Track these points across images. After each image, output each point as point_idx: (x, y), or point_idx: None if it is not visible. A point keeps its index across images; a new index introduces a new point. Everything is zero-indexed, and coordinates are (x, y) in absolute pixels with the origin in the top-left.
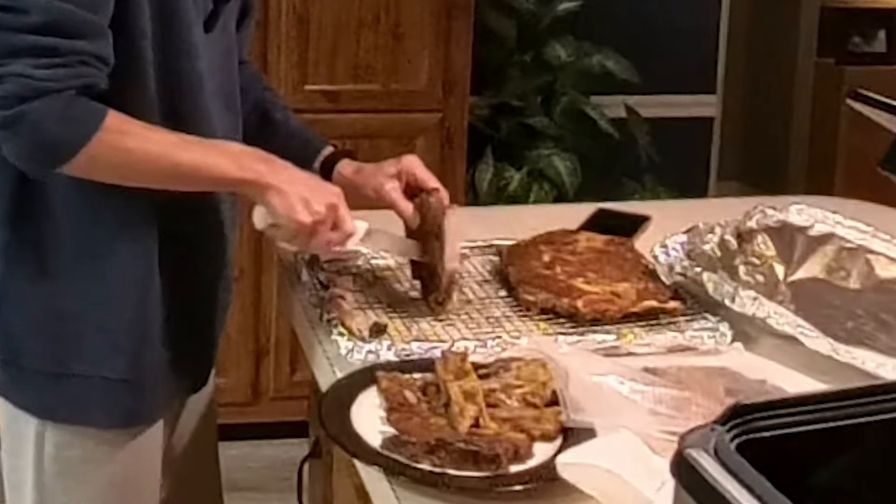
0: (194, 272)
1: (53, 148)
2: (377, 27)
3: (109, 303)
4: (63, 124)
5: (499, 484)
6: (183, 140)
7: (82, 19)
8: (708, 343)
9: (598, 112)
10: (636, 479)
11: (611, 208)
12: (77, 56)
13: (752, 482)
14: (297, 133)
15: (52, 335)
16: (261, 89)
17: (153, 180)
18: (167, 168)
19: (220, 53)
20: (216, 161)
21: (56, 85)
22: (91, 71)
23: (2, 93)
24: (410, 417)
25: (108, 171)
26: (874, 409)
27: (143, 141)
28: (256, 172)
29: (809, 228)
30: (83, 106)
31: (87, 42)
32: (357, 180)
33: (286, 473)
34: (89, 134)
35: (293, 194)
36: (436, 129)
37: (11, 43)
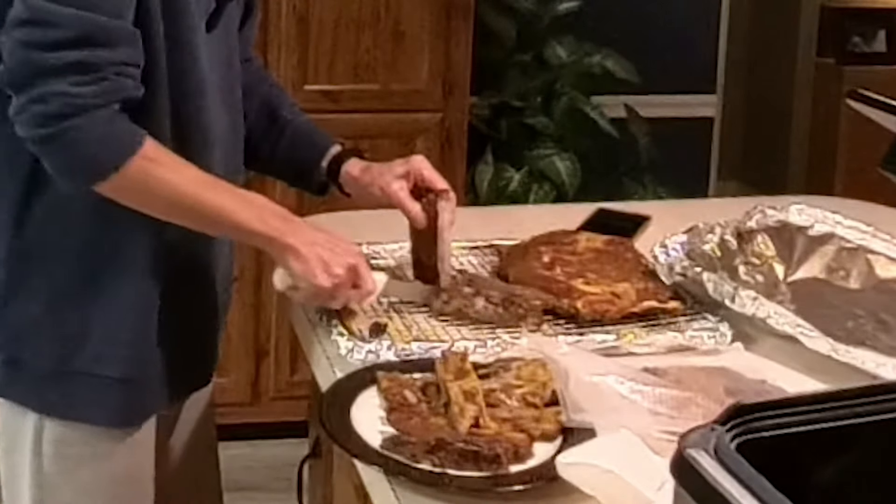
0: (195, 274)
1: (93, 164)
2: (377, 27)
3: (111, 304)
4: (104, 142)
5: (499, 484)
6: (212, 181)
7: (113, 27)
8: (708, 343)
9: (598, 112)
10: (636, 479)
11: (611, 208)
12: (115, 67)
13: (752, 482)
14: (305, 132)
15: (54, 334)
16: (267, 86)
17: (173, 214)
18: (190, 205)
19: (221, 53)
20: (241, 209)
21: (98, 101)
22: (129, 83)
23: (44, 112)
24: (410, 417)
25: (134, 197)
26: (874, 409)
27: (174, 173)
28: (277, 230)
29: (809, 228)
30: (120, 126)
31: (122, 49)
32: (364, 179)
33: (286, 473)
34: (124, 157)
35: (312, 257)
36: (436, 129)
37: (48, 61)
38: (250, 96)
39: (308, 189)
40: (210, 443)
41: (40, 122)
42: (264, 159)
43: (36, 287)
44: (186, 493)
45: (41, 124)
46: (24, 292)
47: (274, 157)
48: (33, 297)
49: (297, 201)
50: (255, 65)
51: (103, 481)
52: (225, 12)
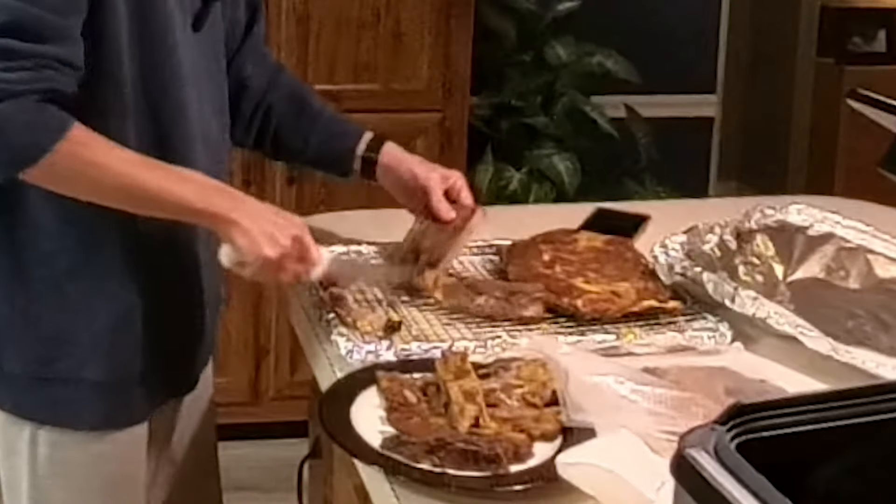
0: (175, 275)
1: (12, 153)
2: (377, 27)
3: (87, 307)
4: (24, 130)
5: (499, 484)
6: (147, 162)
7: (47, 23)
8: (708, 343)
9: (598, 112)
10: (636, 479)
11: (611, 208)
12: (40, 59)
13: (752, 482)
14: (337, 120)
15: (30, 339)
16: (289, 78)
17: (111, 198)
18: (127, 187)
19: (208, 52)
20: (180, 189)
21: (17, 88)
22: (55, 75)
23: None
24: (410, 417)
25: (66, 182)
26: (874, 409)
27: (105, 156)
28: (219, 206)
29: (809, 228)
30: (48, 113)
31: (52, 46)
32: (405, 159)
33: (286, 473)
34: (52, 142)
35: (256, 230)
36: (436, 128)
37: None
38: (274, 89)
39: (338, 173)
40: (210, 443)
41: None
42: (297, 150)
43: (8, 291)
44: (186, 494)
45: None
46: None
47: (307, 146)
48: (7, 301)
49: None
50: (271, 59)
51: (96, 483)
52: (212, 11)
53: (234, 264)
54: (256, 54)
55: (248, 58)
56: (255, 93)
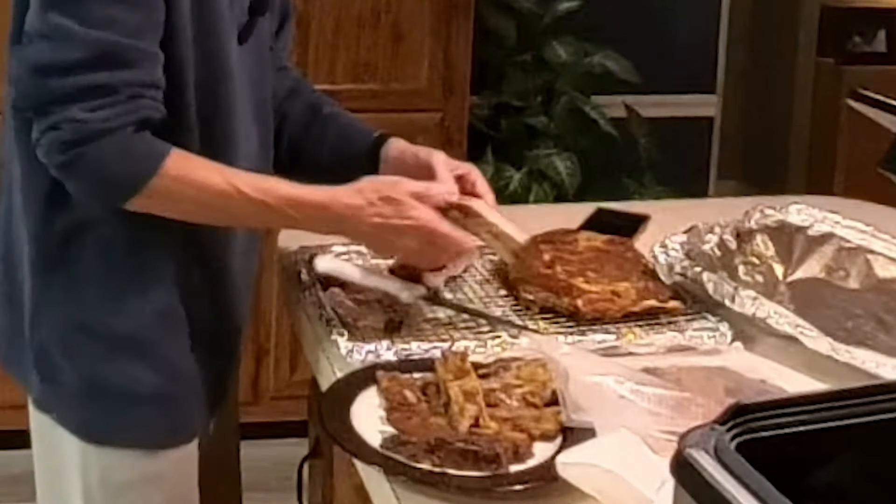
0: (221, 283)
1: (114, 186)
2: (377, 27)
3: (139, 319)
4: (122, 163)
5: (499, 484)
6: (254, 176)
7: (129, 47)
8: (708, 343)
9: (598, 112)
10: (636, 478)
11: (610, 208)
12: (130, 89)
13: (752, 482)
14: (348, 123)
15: (83, 352)
16: (309, 91)
17: (218, 216)
18: (239, 202)
19: (253, 65)
20: (310, 193)
21: (111, 124)
22: (146, 103)
23: (58, 138)
24: (410, 417)
25: (173, 206)
26: (874, 409)
27: (208, 175)
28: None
29: (809, 228)
30: (143, 143)
31: (138, 71)
32: (409, 151)
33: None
34: (150, 173)
35: (377, 233)
36: (436, 128)
37: (61, 87)
38: (293, 100)
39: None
40: (234, 436)
41: (57, 149)
42: (311, 159)
43: (62, 303)
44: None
45: (58, 150)
46: (51, 309)
47: (321, 154)
48: (60, 313)
49: None
50: (294, 72)
51: (153, 502)
52: (257, 25)
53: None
54: (279, 63)
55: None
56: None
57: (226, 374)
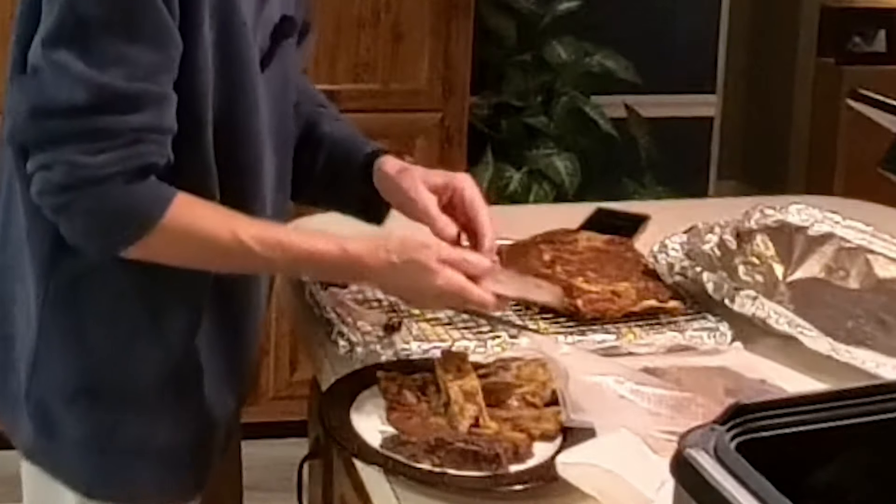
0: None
1: (108, 235)
2: (377, 26)
3: (150, 370)
4: (119, 212)
5: (499, 483)
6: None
7: (138, 91)
8: (708, 343)
9: (598, 112)
10: (636, 478)
11: (610, 208)
12: (133, 134)
13: (752, 482)
14: (341, 140)
15: (89, 406)
16: (313, 105)
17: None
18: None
19: (276, 92)
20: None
21: (109, 170)
22: (150, 148)
23: (49, 179)
24: (410, 417)
25: (172, 259)
26: (874, 408)
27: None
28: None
29: (808, 228)
30: (144, 191)
31: (145, 114)
32: (398, 178)
33: (286, 473)
34: (148, 224)
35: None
36: (436, 128)
37: (57, 128)
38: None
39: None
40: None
41: (49, 190)
42: (308, 183)
43: (66, 353)
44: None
45: (50, 192)
46: (55, 355)
47: (316, 175)
48: (64, 364)
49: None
50: (303, 82)
51: None
52: (280, 49)
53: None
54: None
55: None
56: None
57: (241, 402)
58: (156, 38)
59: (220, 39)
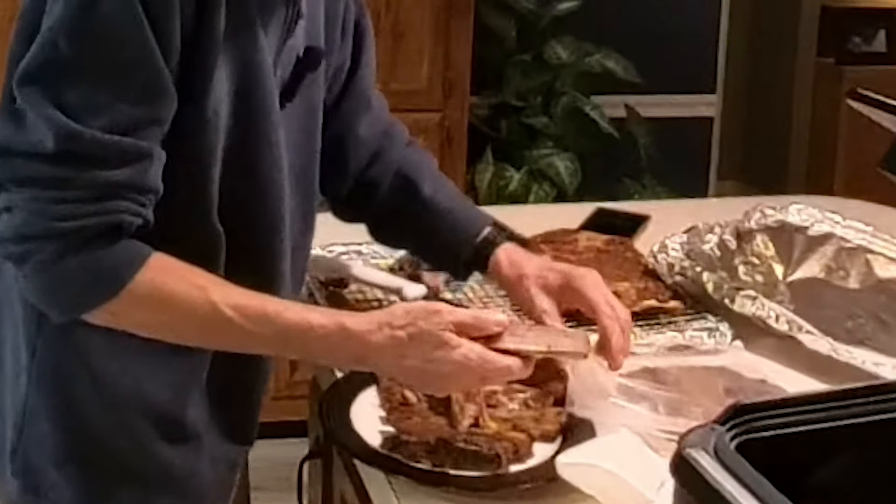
0: (241, 393)
1: (66, 298)
2: (377, 26)
3: (142, 442)
4: (79, 272)
5: (499, 483)
6: (255, 294)
7: (111, 144)
8: (708, 343)
9: (598, 112)
10: (636, 479)
11: (610, 208)
12: (100, 189)
13: (752, 482)
14: (447, 213)
15: (79, 472)
16: (401, 148)
17: (198, 337)
18: (233, 325)
19: (295, 128)
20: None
21: (69, 224)
22: (125, 206)
23: (10, 225)
24: (410, 417)
25: (137, 328)
26: (874, 408)
27: (188, 291)
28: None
29: (808, 228)
30: (109, 251)
31: (118, 171)
32: (511, 278)
33: (286, 473)
34: (114, 286)
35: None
36: (436, 128)
37: (22, 168)
38: (381, 164)
39: (452, 273)
40: None
41: (7, 236)
42: (399, 239)
43: (54, 415)
44: None
45: (9, 238)
46: (42, 420)
47: (412, 238)
48: (52, 426)
49: None
50: (384, 119)
51: None
52: (304, 83)
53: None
54: (366, 109)
55: (356, 112)
56: (358, 163)
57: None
58: (147, 91)
59: (237, 82)
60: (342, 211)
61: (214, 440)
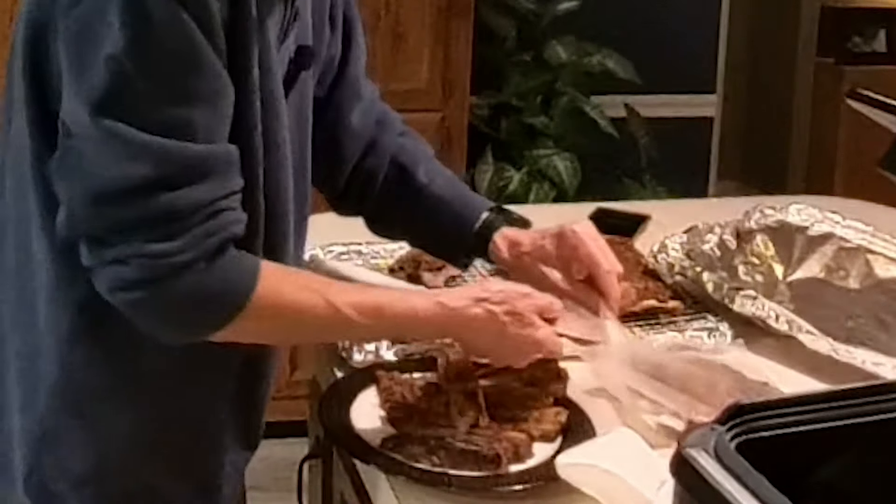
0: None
1: (192, 324)
2: (377, 27)
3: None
4: (205, 298)
5: (498, 483)
6: (351, 286)
7: (203, 156)
8: (708, 343)
9: (598, 112)
10: (636, 479)
11: (610, 208)
12: (208, 207)
13: (752, 482)
14: (445, 198)
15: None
16: (396, 135)
17: (316, 339)
18: (347, 318)
19: (294, 120)
20: (411, 299)
21: (185, 257)
22: (228, 217)
23: (125, 278)
24: (410, 417)
25: (264, 337)
26: (873, 408)
27: (301, 293)
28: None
29: (808, 228)
30: (228, 267)
31: (215, 181)
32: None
33: (286, 473)
34: (237, 305)
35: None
36: (436, 128)
37: (124, 215)
38: (376, 154)
39: (452, 261)
40: None
41: (123, 287)
42: (399, 229)
43: (81, 440)
44: None
45: (124, 288)
46: (66, 446)
47: (411, 227)
48: (77, 452)
49: None
50: (376, 108)
51: None
52: (297, 82)
53: None
54: (358, 98)
55: (348, 102)
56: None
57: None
58: (215, 94)
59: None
60: (341, 204)
61: (231, 449)
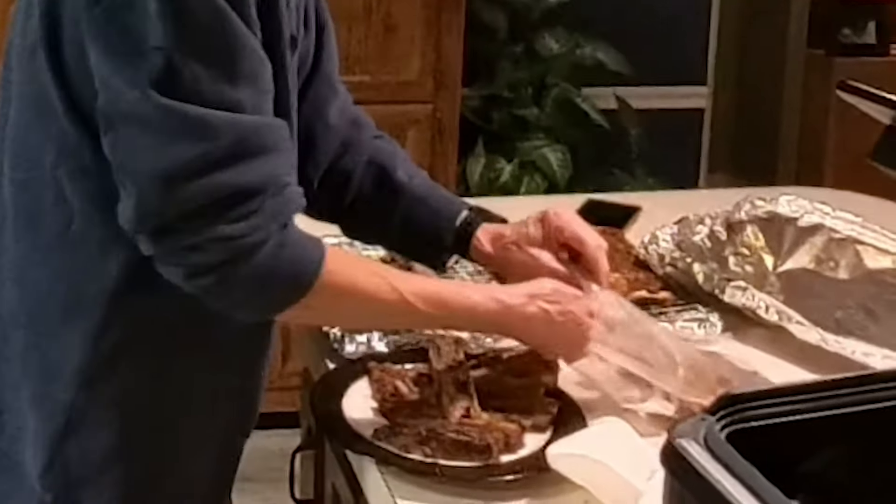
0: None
1: (267, 301)
2: (368, 19)
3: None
4: (280, 273)
5: (490, 474)
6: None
7: (262, 128)
8: (698, 333)
9: (590, 103)
10: (626, 469)
11: (602, 199)
12: (275, 182)
13: (742, 471)
14: (423, 199)
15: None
16: (370, 137)
17: (374, 325)
18: (403, 310)
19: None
20: (467, 291)
21: (257, 237)
22: (292, 192)
23: (204, 263)
24: (402, 408)
25: (327, 317)
26: (863, 398)
27: (365, 275)
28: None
29: (798, 219)
30: (297, 243)
31: (275, 155)
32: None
33: (278, 464)
34: (310, 280)
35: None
36: (427, 120)
37: (194, 196)
38: (352, 153)
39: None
40: None
41: (199, 272)
42: (375, 230)
43: (106, 419)
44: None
45: (200, 273)
46: (92, 425)
47: (388, 227)
48: (102, 430)
49: None
50: (351, 109)
51: None
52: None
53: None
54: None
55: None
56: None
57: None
58: (258, 70)
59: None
60: (316, 204)
61: (234, 437)
